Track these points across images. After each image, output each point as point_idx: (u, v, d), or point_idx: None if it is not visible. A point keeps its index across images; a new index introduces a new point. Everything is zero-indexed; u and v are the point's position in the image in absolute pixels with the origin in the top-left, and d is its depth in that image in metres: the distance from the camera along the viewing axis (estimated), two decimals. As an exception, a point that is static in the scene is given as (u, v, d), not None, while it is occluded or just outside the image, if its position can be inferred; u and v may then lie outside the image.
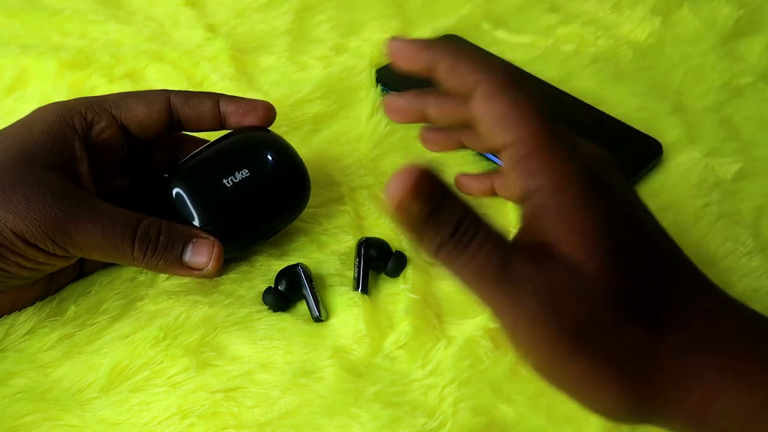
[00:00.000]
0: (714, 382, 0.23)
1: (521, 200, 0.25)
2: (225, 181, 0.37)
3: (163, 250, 0.35)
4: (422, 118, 0.31)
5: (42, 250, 0.33)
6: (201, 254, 0.36)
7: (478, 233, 0.23)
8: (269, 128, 0.40)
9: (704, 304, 0.25)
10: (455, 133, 0.34)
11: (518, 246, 0.24)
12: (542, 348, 0.24)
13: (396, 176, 0.23)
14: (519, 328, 0.24)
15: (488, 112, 0.26)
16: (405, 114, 0.32)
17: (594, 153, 0.28)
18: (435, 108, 0.31)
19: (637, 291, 0.24)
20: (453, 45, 0.28)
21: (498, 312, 0.24)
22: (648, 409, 0.24)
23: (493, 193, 0.35)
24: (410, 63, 0.28)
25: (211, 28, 0.58)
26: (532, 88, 0.27)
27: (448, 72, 0.27)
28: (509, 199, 0.36)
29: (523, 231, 0.25)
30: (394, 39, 0.29)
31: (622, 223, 0.25)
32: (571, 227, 0.24)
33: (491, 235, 0.24)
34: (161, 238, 0.35)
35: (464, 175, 0.36)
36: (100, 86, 0.51)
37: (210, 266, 0.36)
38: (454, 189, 0.24)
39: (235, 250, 0.39)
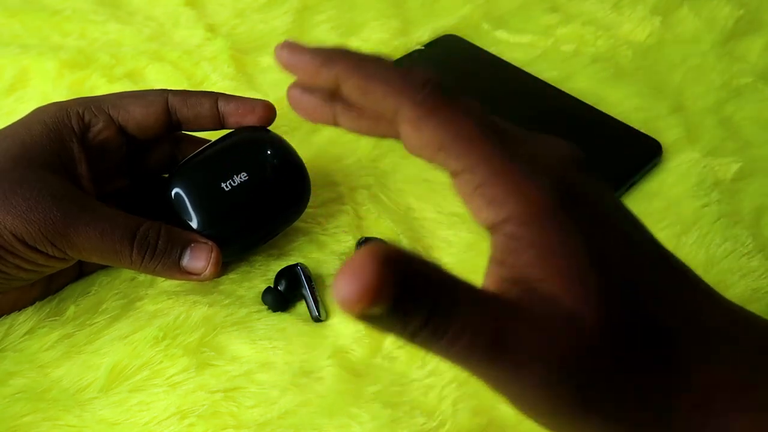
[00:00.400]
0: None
1: (488, 229, 0.22)
2: (224, 183, 0.37)
3: (161, 255, 0.35)
4: (333, 123, 0.26)
5: (41, 252, 0.33)
6: (199, 259, 0.36)
7: (457, 316, 0.19)
8: (269, 128, 0.40)
9: (713, 320, 0.22)
10: (333, 106, 0.26)
11: (500, 301, 0.20)
12: (554, 413, 0.21)
13: (343, 278, 0.17)
14: (525, 398, 0.21)
15: (421, 143, 0.22)
16: (312, 116, 0.26)
17: (558, 154, 0.24)
18: (348, 121, 0.26)
19: (641, 331, 0.21)
20: (358, 57, 0.23)
21: (499, 388, 0.21)
22: None
23: (336, 124, 0.27)
24: (308, 77, 0.24)
25: (211, 28, 0.58)
26: (461, 94, 0.23)
27: (358, 93, 0.23)
28: (367, 134, 0.27)
29: (497, 261, 0.22)
30: (284, 45, 0.24)
31: (609, 247, 0.21)
32: (555, 269, 0.20)
33: (474, 312, 0.20)
34: (160, 242, 0.35)
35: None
36: (100, 86, 0.51)
37: (208, 271, 0.36)
38: (417, 261, 0.19)
39: (235, 254, 0.39)
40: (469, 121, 0.22)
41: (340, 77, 0.23)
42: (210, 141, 0.39)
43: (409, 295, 0.18)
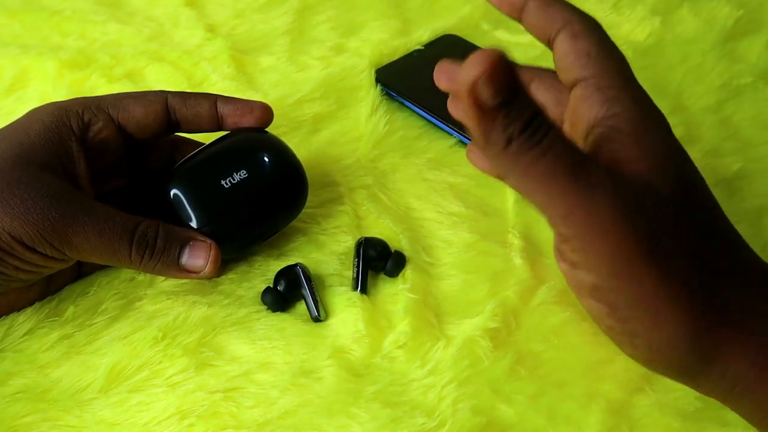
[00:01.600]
0: None
1: (591, 126, 0.27)
2: (223, 182, 0.37)
3: (160, 254, 0.35)
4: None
5: (39, 253, 0.33)
6: (198, 257, 0.36)
7: (550, 131, 0.22)
8: (267, 130, 0.40)
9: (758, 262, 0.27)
10: None
11: (590, 156, 0.24)
12: (614, 256, 0.23)
13: (472, 58, 0.21)
14: (592, 233, 0.23)
15: (574, 47, 0.27)
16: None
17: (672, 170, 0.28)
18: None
19: (705, 223, 0.25)
20: None
21: (568, 214, 0.23)
22: (707, 353, 0.24)
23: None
24: (499, 3, 0.30)
25: (211, 29, 0.58)
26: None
27: (538, 8, 0.28)
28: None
29: (594, 152, 0.26)
30: None
31: (691, 165, 0.27)
32: (648, 151, 0.25)
33: (563, 136, 0.23)
34: (158, 241, 0.35)
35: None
36: (100, 86, 0.51)
37: (207, 269, 0.36)
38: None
39: (233, 252, 0.39)
40: (614, 46, 0.28)
41: (525, 2, 0.29)
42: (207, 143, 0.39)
43: (520, 92, 0.22)
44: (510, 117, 0.22)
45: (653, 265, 0.23)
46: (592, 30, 0.28)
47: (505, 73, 0.21)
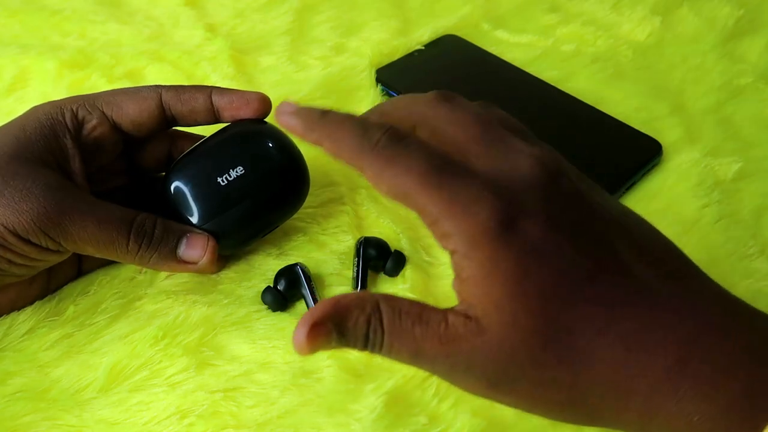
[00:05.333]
0: (648, 398, 0.24)
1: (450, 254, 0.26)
2: (223, 176, 0.37)
3: (158, 243, 0.35)
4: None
5: (34, 244, 0.33)
6: (195, 248, 0.36)
7: (383, 340, 0.25)
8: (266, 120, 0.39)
9: (643, 312, 0.25)
10: None
11: (419, 316, 0.25)
12: (473, 392, 0.26)
13: (295, 332, 0.25)
14: (449, 382, 0.26)
15: (386, 191, 0.26)
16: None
17: (519, 174, 0.26)
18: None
19: (540, 342, 0.24)
20: (330, 124, 0.27)
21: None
22: (593, 421, 0.26)
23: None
24: (301, 137, 0.28)
25: (211, 28, 0.58)
26: (425, 125, 0.28)
27: (335, 156, 0.27)
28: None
29: (455, 279, 0.26)
30: (281, 108, 0.29)
31: (531, 270, 0.24)
32: (482, 296, 0.25)
33: (396, 336, 0.25)
34: (156, 231, 0.35)
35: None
36: (100, 86, 0.51)
37: (205, 259, 0.36)
38: (352, 308, 0.25)
39: (234, 246, 0.39)
40: (415, 170, 0.25)
41: (319, 142, 0.28)
42: (206, 136, 0.39)
43: (344, 337, 0.25)
44: (349, 345, 0.26)
45: (501, 397, 0.26)
46: (386, 166, 0.26)
47: (327, 331, 0.25)
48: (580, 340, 0.24)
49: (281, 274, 0.38)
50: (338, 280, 0.39)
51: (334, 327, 0.25)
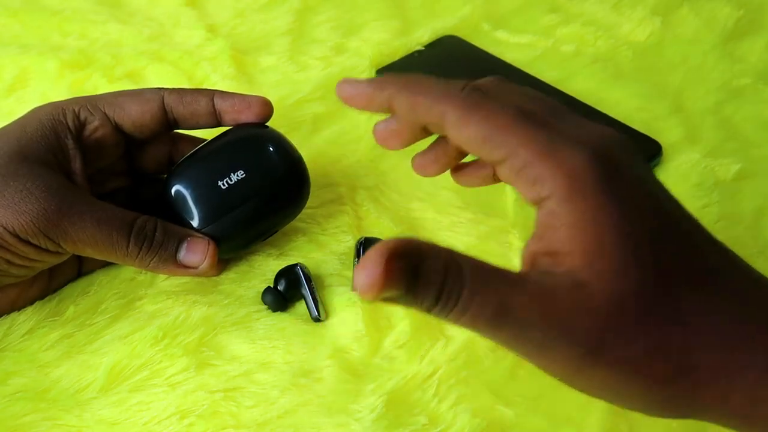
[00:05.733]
0: (759, 379, 0.22)
1: (534, 206, 0.24)
2: (224, 179, 0.37)
3: (158, 247, 0.35)
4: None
5: (33, 245, 0.33)
6: (195, 252, 0.36)
7: (462, 293, 0.22)
8: (268, 124, 0.40)
9: (740, 293, 0.24)
10: (446, 157, 0.32)
11: (506, 276, 0.23)
12: (560, 367, 0.23)
13: (361, 270, 0.21)
14: (531, 356, 0.23)
15: (467, 139, 0.24)
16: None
17: (600, 133, 0.25)
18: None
19: (651, 296, 0.22)
20: (404, 79, 0.26)
21: (508, 348, 0.23)
22: (691, 406, 0.23)
23: (496, 180, 0.32)
24: (366, 105, 0.27)
25: (212, 29, 0.58)
26: (502, 90, 0.26)
27: (409, 110, 0.26)
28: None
29: (537, 236, 0.24)
30: (343, 82, 0.27)
31: (637, 223, 0.23)
32: (582, 245, 0.23)
33: (478, 288, 0.22)
34: (157, 234, 0.35)
35: (460, 164, 0.31)
36: (101, 86, 0.51)
37: (205, 264, 0.36)
38: (428, 250, 0.22)
39: (235, 250, 0.39)
40: (507, 112, 0.24)
41: (391, 98, 0.26)
42: (207, 140, 0.39)
43: (418, 281, 0.22)
44: (419, 298, 0.22)
45: (598, 367, 0.23)
46: (472, 108, 0.24)
47: (398, 271, 0.21)
48: (691, 299, 0.22)
49: (281, 275, 0.38)
50: (338, 280, 0.39)
51: (411, 267, 0.22)
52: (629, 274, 0.22)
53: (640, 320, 0.22)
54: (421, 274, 0.22)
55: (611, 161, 0.24)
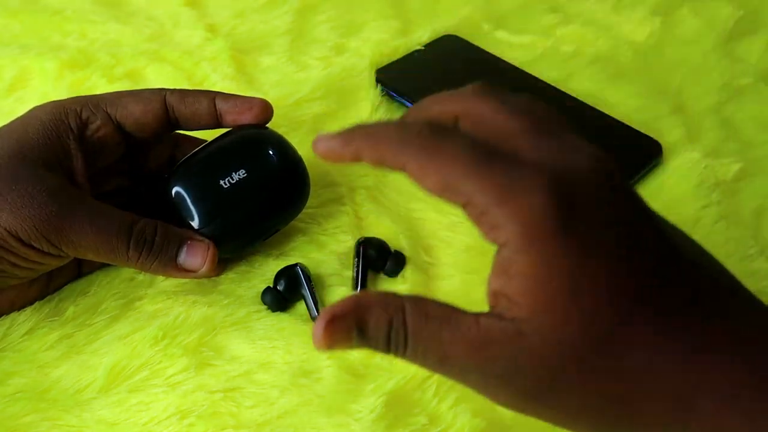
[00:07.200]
0: (716, 411, 0.22)
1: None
2: (224, 180, 0.37)
3: (158, 251, 0.35)
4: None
5: (36, 249, 0.33)
6: (195, 256, 0.36)
7: (408, 342, 0.24)
8: (268, 126, 0.40)
9: (707, 320, 0.23)
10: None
11: (449, 320, 0.24)
12: (505, 404, 0.25)
13: (315, 326, 0.24)
14: (480, 393, 0.25)
15: (428, 189, 0.24)
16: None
17: (572, 163, 0.24)
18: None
19: (591, 350, 0.22)
20: (368, 129, 0.26)
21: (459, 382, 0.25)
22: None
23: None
24: (338, 160, 0.27)
25: (211, 29, 0.58)
26: (471, 113, 0.26)
27: (376, 161, 0.26)
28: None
29: (496, 274, 0.24)
30: (317, 138, 0.27)
31: (591, 267, 0.23)
32: (531, 296, 0.23)
33: (420, 339, 0.24)
34: (156, 238, 0.35)
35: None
36: (100, 86, 0.51)
37: (205, 268, 0.36)
38: (371, 306, 0.24)
39: (235, 250, 0.39)
40: (465, 155, 0.24)
41: (358, 151, 0.26)
42: (208, 141, 0.39)
43: (365, 335, 0.24)
44: (370, 346, 0.24)
45: (543, 409, 0.24)
46: (431, 156, 0.24)
47: (346, 329, 0.24)
48: (637, 349, 0.22)
49: (281, 275, 0.38)
50: (338, 280, 0.39)
51: (355, 324, 0.24)
52: (571, 327, 0.22)
53: (580, 370, 0.23)
54: (367, 329, 0.24)
55: (572, 198, 0.23)
